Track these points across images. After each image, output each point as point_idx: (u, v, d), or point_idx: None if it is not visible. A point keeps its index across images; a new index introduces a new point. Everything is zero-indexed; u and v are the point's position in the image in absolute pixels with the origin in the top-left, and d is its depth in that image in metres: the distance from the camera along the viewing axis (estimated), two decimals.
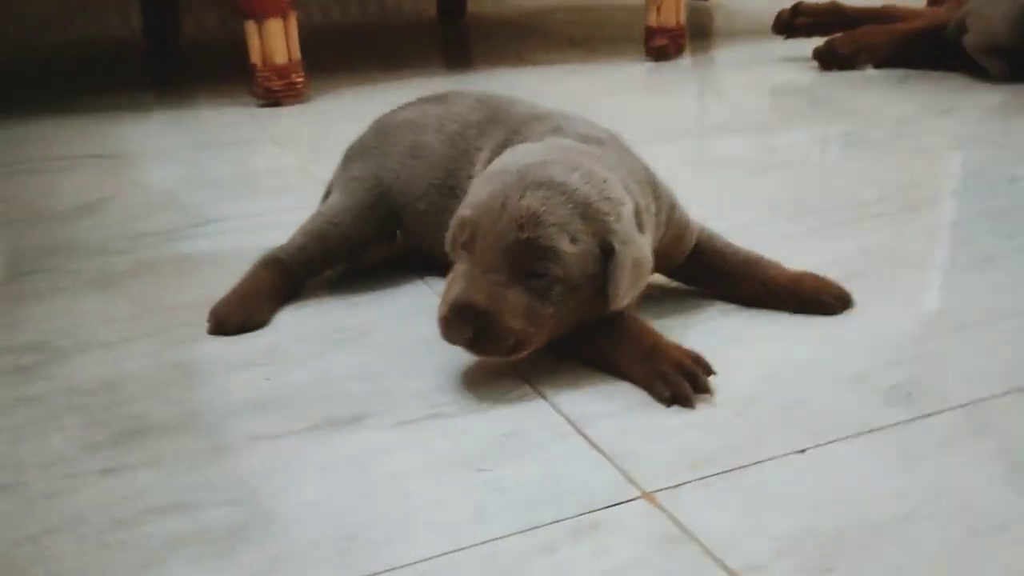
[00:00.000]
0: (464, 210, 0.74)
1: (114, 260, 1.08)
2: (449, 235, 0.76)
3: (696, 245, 0.88)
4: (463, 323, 0.70)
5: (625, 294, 0.73)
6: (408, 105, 1.02)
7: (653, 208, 0.81)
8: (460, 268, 0.73)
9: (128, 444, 0.70)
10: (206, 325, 0.87)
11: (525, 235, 0.70)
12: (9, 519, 0.62)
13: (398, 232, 0.98)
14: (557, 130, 0.85)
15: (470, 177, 0.88)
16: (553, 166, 0.73)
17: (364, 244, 0.97)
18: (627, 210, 0.75)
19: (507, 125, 0.90)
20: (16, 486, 0.65)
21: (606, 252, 0.73)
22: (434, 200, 0.92)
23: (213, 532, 0.60)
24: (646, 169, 0.85)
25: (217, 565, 0.57)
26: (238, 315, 0.88)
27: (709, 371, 0.74)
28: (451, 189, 0.91)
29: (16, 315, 0.94)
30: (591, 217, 0.72)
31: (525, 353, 0.73)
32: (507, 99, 0.96)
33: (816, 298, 0.85)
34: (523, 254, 0.71)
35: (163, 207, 1.26)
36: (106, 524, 0.61)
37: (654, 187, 0.83)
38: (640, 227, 0.77)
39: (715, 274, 0.88)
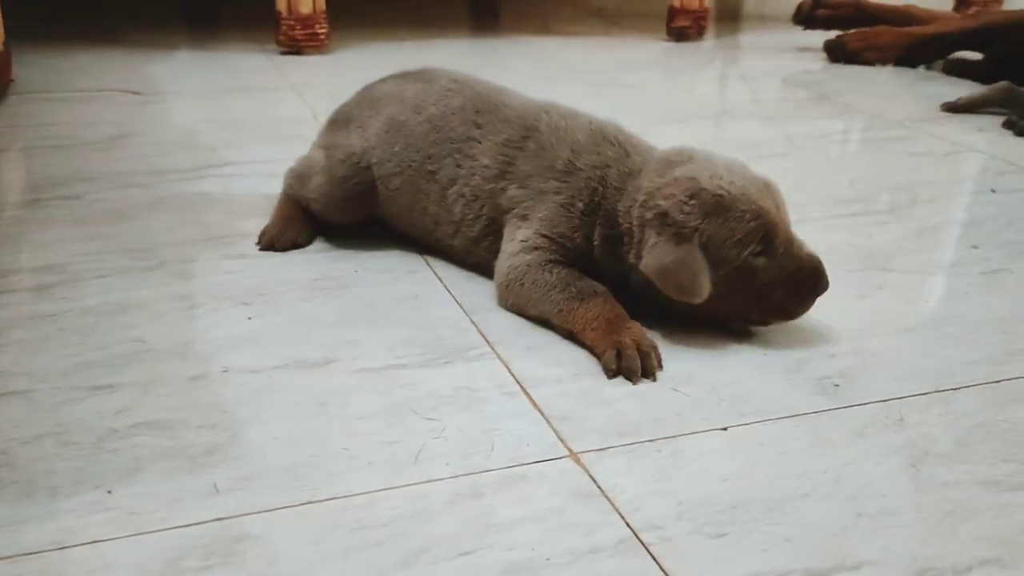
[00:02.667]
0: (757, 218, 0.81)
1: (135, 193, 1.15)
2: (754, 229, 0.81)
3: None
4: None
5: None
6: (387, 78, 1.05)
7: None
8: (781, 236, 0.82)
9: (126, 365, 0.77)
10: (209, 259, 0.95)
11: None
12: (16, 421, 0.69)
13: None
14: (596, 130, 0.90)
15: (459, 167, 0.92)
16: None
17: (344, 217, 1.00)
18: None
19: (514, 122, 0.92)
20: (25, 392, 0.73)
21: None
22: (410, 179, 0.96)
23: (191, 450, 0.67)
24: None
25: (190, 479, 0.64)
26: (290, 233, 1.00)
27: (659, 364, 0.79)
28: (431, 173, 0.94)
29: (39, 238, 1.01)
30: None
31: None
32: (487, 86, 0.99)
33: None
34: None
35: (185, 146, 1.33)
36: (100, 433, 0.68)
37: None
38: None
39: None
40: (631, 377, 0.77)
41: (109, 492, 0.62)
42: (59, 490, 0.62)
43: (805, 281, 0.82)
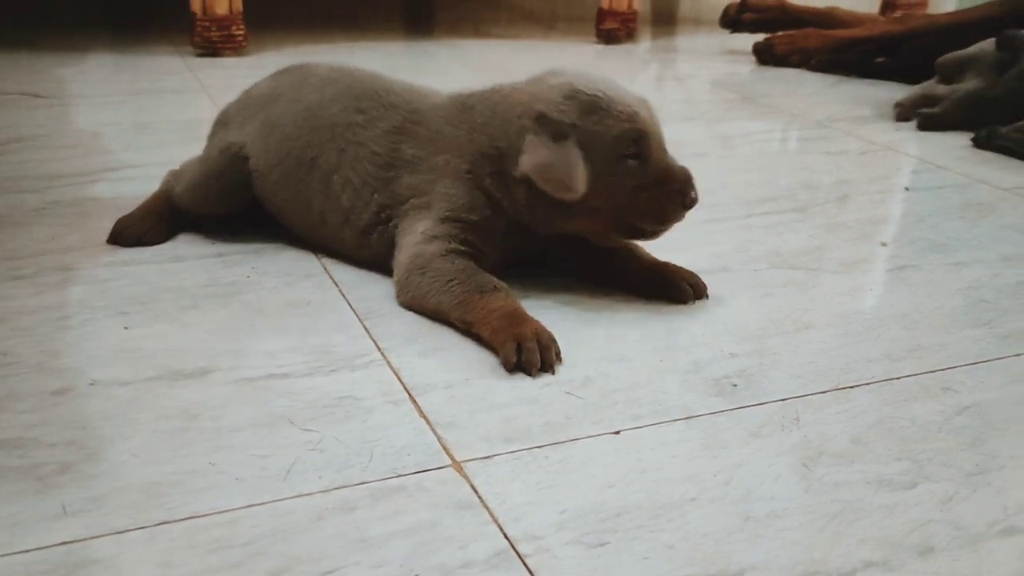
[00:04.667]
0: (631, 121, 0.82)
1: (25, 198, 1.09)
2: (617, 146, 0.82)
3: None
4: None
5: None
6: (266, 77, 1.03)
7: None
8: (660, 151, 0.84)
9: None
10: (91, 266, 0.90)
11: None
12: None
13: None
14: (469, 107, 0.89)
15: (343, 150, 0.90)
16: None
17: (218, 208, 0.98)
18: None
19: (399, 108, 0.91)
20: None
21: None
22: (289, 171, 0.93)
23: (42, 469, 0.62)
24: None
25: (36, 500, 0.59)
26: (137, 230, 0.96)
27: (559, 356, 0.77)
28: (312, 160, 0.92)
29: None
30: None
31: None
32: (366, 73, 0.97)
33: (673, 282, 0.89)
34: None
35: (83, 149, 1.27)
36: None
37: None
38: None
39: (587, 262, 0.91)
40: (530, 370, 0.75)
41: None
42: None
43: (675, 189, 0.84)
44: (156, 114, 1.47)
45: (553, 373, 0.76)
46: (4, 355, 0.75)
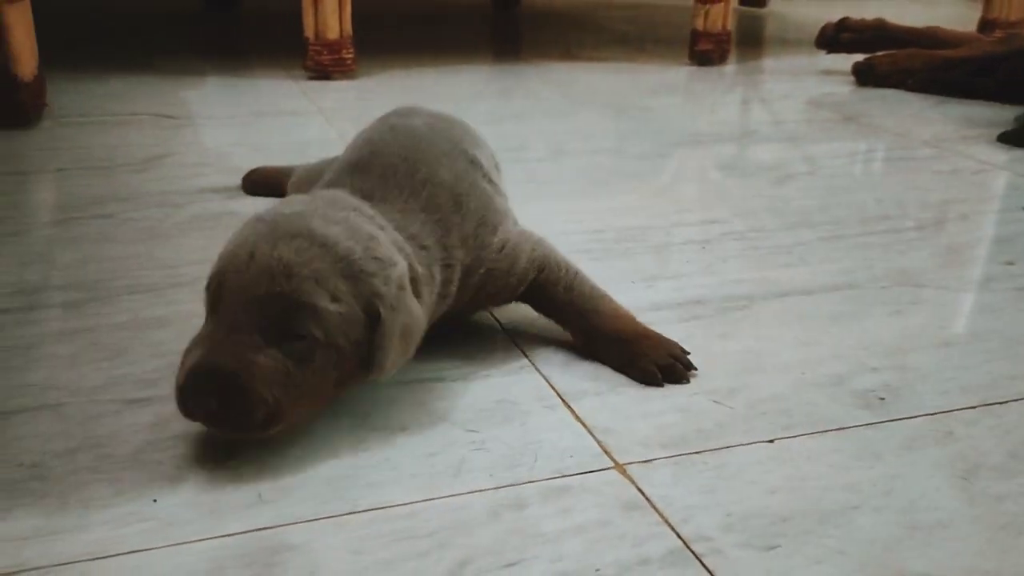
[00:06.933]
0: (213, 263, 0.66)
1: (169, 212, 1.16)
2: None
3: (530, 284, 0.82)
4: (206, 392, 0.60)
5: (393, 365, 0.67)
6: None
7: (439, 262, 0.75)
8: (203, 330, 0.64)
9: (158, 380, 0.76)
10: None
11: (278, 288, 0.61)
12: (49, 434, 0.69)
13: None
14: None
15: None
16: (312, 218, 0.66)
17: None
18: (397, 272, 0.67)
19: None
20: (57, 406, 0.72)
21: (372, 318, 0.65)
22: None
23: (231, 462, 0.66)
24: (456, 209, 0.77)
25: (231, 490, 0.63)
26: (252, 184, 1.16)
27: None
28: None
29: (70, 256, 1.01)
30: (355, 276, 0.64)
31: (277, 429, 0.63)
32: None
33: (639, 363, 0.78)
34: (277, 311, 0.61)
35: (216, 168, 1.34)
36: (137, 445, 0.67)
37: (461, 232, 0.77)
38: (415, 291, 0.70)
39: (549, 314, 0.84)
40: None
41: (155, 501, 0.61)
42: (93, 502, 0.61)
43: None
44: (277, 134, 1.54)
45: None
46: (177, 356, 0.80)
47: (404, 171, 0.77)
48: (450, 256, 0.76)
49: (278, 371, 0.61)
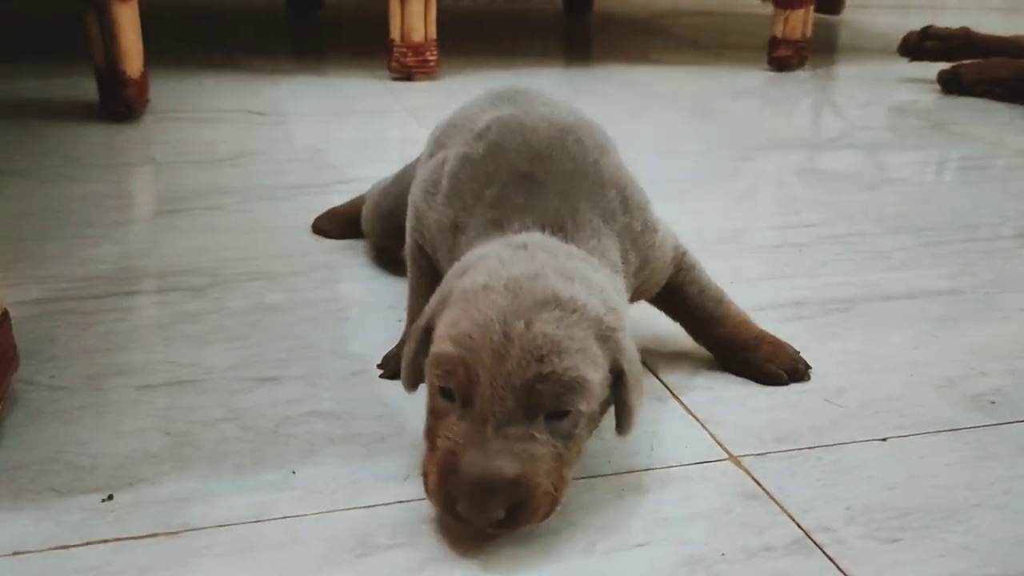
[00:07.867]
0: (443, 345, 0.57)
1: (272, 205, 1.20)
2: (427, 377, 0.60)
3: (667, 283, 0.79)
4: (494, 504, 0.54)
5: (637, 420, 0.62)
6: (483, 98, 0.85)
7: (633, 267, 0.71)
8: (457, 425, 0.56)
9: (289, 360, 0.80)
10: (351, 265, 1.01)
11: (548, 368, 0.55)
12: (193, 406, 0.73)
13: None
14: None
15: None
16: (549, 277, 0.58)
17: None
18: (625, 319, 0.63)
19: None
20: (198, 381, 0.77)
21: (615, 375, 0.60)
22: None
23: (363, 438, 0.69)
24: (624, 206, 0.70)
25: (366, 463, 0.66)
26: (325, 225, 1.10)
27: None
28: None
29: (188, 243, 1.06)
30: (605, 337, 0.59)
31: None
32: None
33: (764, 368, 0.79)
34: (548, 393, 0.55)
35: (312, 163, 1.39)
36: (275, 419, 0.71)
37: (631, 233, 0.71)
38: None
39: (677, 316, 0.82)
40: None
41: (293, 472, 0.65)
42: (243, 469, 0.65)
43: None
44: (367, 132, 1.58)
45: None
46: (302, 339, 0.84)
47: (579, 183, 0.68)
48: (629, 265, 0.70)
49: (554, 459, 0.56)
